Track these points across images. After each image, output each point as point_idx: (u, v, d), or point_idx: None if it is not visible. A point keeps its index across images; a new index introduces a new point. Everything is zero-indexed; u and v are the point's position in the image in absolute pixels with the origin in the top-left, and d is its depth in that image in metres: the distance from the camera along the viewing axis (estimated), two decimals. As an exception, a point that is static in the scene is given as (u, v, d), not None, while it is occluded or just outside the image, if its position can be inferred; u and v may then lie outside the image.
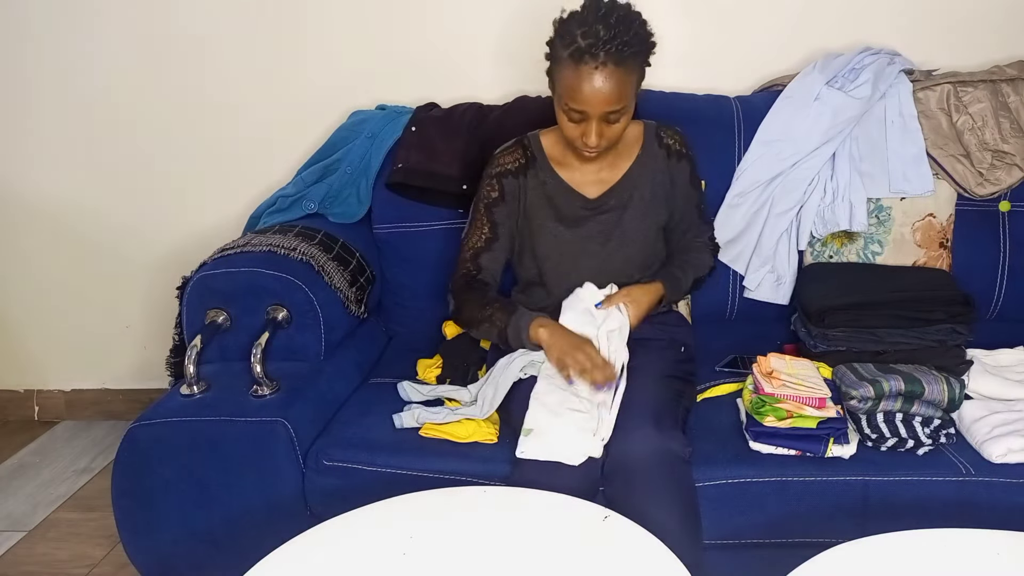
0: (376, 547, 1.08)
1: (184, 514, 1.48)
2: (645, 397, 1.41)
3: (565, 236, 1.60)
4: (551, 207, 1.61)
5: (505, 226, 1.63)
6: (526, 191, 1.61)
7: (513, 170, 1.61)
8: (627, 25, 1.37)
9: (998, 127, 1.82)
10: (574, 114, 1.43)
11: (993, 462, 1.37)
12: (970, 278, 1.83)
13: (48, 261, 2.41)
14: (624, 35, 1.35)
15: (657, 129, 1.64)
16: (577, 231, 1.60)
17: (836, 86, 1.86)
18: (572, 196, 1.61)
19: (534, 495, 1.20)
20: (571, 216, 1.60)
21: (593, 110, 1.40)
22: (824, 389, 1.42)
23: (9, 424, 2.56)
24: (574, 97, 1.40)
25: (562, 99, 1.43)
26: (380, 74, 2.14)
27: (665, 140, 1.62)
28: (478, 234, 1.63)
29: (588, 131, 1.43)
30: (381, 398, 1.63)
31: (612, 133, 1.46)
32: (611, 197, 1.61)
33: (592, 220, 1.60)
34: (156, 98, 2.22)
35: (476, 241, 1.63)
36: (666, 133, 1.63)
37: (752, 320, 1.93)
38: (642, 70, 1.45)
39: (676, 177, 1.64)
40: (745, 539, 1.41)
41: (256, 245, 1.66)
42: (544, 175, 1.61)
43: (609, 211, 1.60)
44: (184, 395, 1.52)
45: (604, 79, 1.37)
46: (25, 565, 1.89)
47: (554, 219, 1.60)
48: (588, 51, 1.35)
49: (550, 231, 1.60)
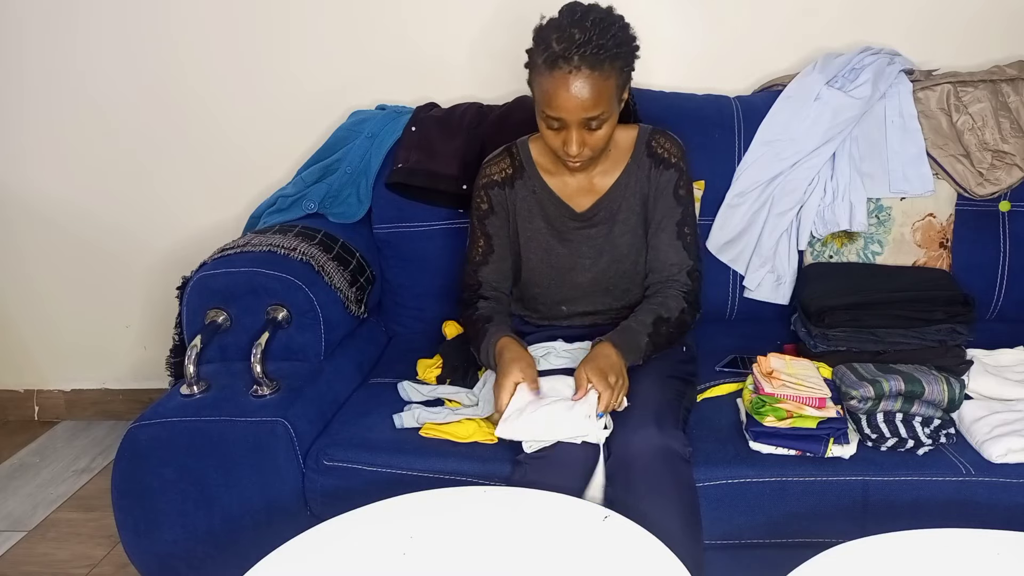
0: (376, 547, 1.08)
1: (184, 514, 1.48)
2: (647, 397, 1.41)
3: (557, 251, 1.58)
4: (543, 217, 1.57)
5: (500, 236, 1.60)
6: (515, 201, 1.57)
7: (499, 180, 1.57)
8: (604, 28, 1.32)
9: (998, 127, 1.82)
10: (552, 122, 1.38)
11: (993, 462, 1.37)
12: (970, 278, 1.83)
13: (48, 261, 2.41)
14: (600, 38, 1.31)
15: (651, 135, 1.56)
16: (569, 245, 1.57)
17: (836, 86, 1.86)
18: (561, 208, 1.57)
19: (534, 495, 1.20)
20: (561, 228, 1.57)
21: (570, 116, 1.35)
22: (824, 389, 1.42)
23: (9, 424, 2.56)
24: (550, 104, 1.35)
25: (540, 107, 1.38)
26: (380, 74, 2.14)
27: (655, 148, 1.54)
28: (476, 248, 1.62)
29: (568, 139, 1.38)
30: (381, 398, 1.63)
31: (595, 141, 1.40)
32: (599, 209, 1.55)
33: (582, 234, 1.57)
34: (157, 98, 2.22)
35: (475, 255, 1.62)
36: (658, 141, 1.55)
37: (752, 320, 1.93)
38: (624, 75, 1.38)
39: (659, 187, 1.54)
40: (745, 539, 1.41)
41: (256, 245, 1.66)
42: (533, 183, 1.57)
43: (598, 224, 1.56)
44: (184, 395, 1.52)
45: (579, 84, 1.32)
46: (25, 565, 1.89)
47: (545, 231, 1.57)
48: (562, 55, 1.30)
49: (542, 245, 1.58)
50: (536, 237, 1.58)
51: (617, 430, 1.36)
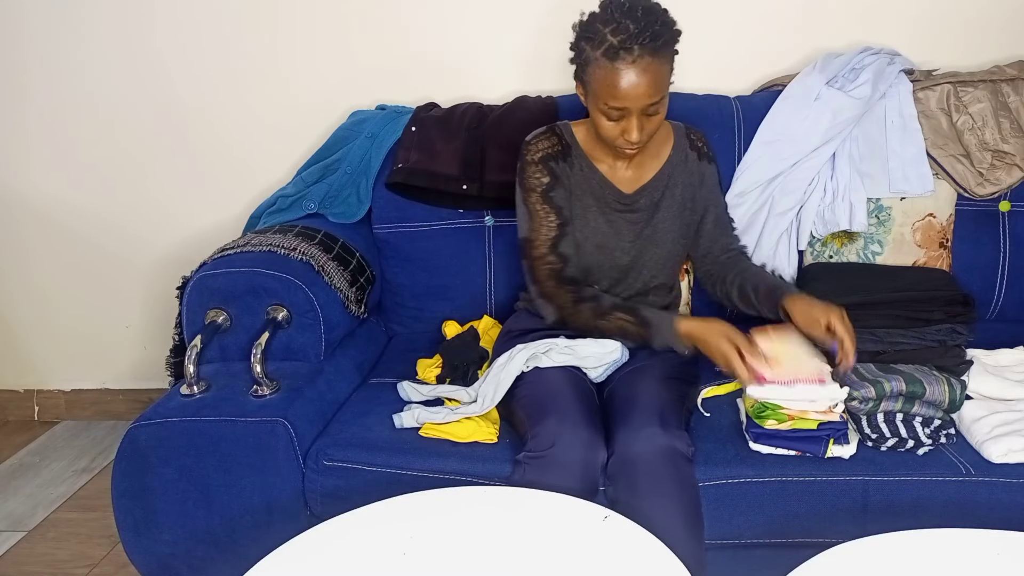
0: (376, 547, 1.08)
1: (184, 514, 1.48)
2: (650, 397, 1.41)
3: (604, 230, 1.59)
4: (593, 196, 1.59)
5: (568, 208, 1.57)
6: (569, 176, 1.58)
7: (554, 154, 1.57)
8: (653, 16, 1.37)
9: (998, 127, 1.82)
10: (614, 112, 1.41)
11: (993, 462, 1.37)
12: (970, 278, 1.84)
13: (49, 261, 2.41)
14: (653, 25, 1.36)
15: (687, 131, 1.65)
16: (613, 225, 1.59)
17: (836, 86, 1.86)
18: (609, 189, 1.59)
19: (534, 495, 1.20)
20: (606, 210, 1.59)
21: (635, 105, 1.39)
22: (818, 363, 1.40)
23: (9, 424, 2.56)
24: (614, 95, 1.38)
25: (599, 99, 1.41)
26: (380, 74, 2.14)
27: (696, 142, 1.64)
28: (546, 224, 1.55)
29: (630, 127, 1.42)
30: (381, 398, 1.63)
31: (652, 126, 1.45)
32: (644, 195, 1.60)
33: (624, 217, 1.60)
34: (157, 99, 2.22)
35: (547, 232, 1.55)
36: (696, 135, 1.65)
37: (752, 320, 1.92)
38: (673, 59, 1.44)
39: (706, 179, 1.64)
40: (745, 539, 1.41)
41: (256, 245, 1.66)
42: (582, 163, 1.59)
43: (641, 210, 1.60)
44: (184, 395, 1.52)
45: (642, 72, 1.36)
46: (25, 565, 1.89)
47: (594, 209, 1.59)
48: (623, 47, 1.34)
49: (588, 223, 1.59)
50: (584, 214, 1.59)
51: (621, 429, 1.36)
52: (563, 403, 1.40)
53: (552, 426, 1.35)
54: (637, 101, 1.38)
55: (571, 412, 1.38)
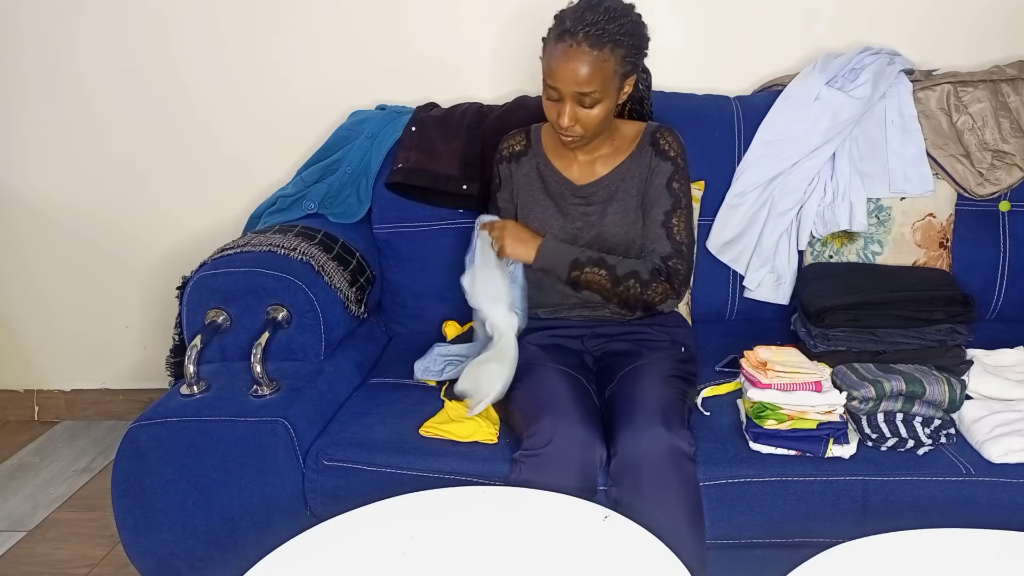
0: (376, 547, 1.08)
1: (184, 514, 1.48)
2: (652, 397, 1.41)
3: (554, 222, 1.62)
4: (543, 190, 1.64)
5: (508, 210, 1.68)
6: (518, 175, 1.66)
7: (507, 155, 1.68)
8: (615, 16, 1.42)
9: (998, 127, 1.82)
10: (551, 91, 1.47)
11: (993, 462, 1.37)
12: (970, 278, 1.84)
13: (49, 261, 2.41)
14: (608, 24, 1.41)
15: (656, 130, 1.63)
16: (567, 218, 1.62)
17: (836, 86, 1.86)
18: (561, 181, 1.63)
19: (534, 495, 1.20)
20: (561, 202, 1.62)
21: (565, 87, 1.44)
22: (818, 372, 1.42)
23: (9, 424, 2.56)
24: (550, 74, 1.46)
25: (543, 78, 1.48)
26: (380, 74, 2.14)
27: (658, 140, 1.62)
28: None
29: (562, 111, 1.47)
30: (381, 398, 1.63)
31: (586, 119, 1.48)
32: (598, 188, 1.62)
33: (579, 210, 1.62)
34: (157, 99, 2.22)
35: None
36: (662, 134, 1.62)
37: (752, 320, 1.93)
38: (625, 64, 1.46)
39: (656, 175, 1.60)
40: (745, 539, 1.41)
41: (256, 245, 1.66)
42: (538, 159, 1.66)
43: (597, 203, 1.61)
44: (184, 395, 1.52)
45: (578, 58, 1.41)
46: (25, 565, 1.89)
47: (545, 202, 1.64)
48: (569, 30, 1.42)
49: (539, 216, 1.63)
50: (535, 208, 1.64)
51: (624, 429, 1.36)
52: (559, 402, 1.40)
53: (548, 424, 1.36)
54: (568, 85, 1.43)
55: (567, 411, 1.38)
